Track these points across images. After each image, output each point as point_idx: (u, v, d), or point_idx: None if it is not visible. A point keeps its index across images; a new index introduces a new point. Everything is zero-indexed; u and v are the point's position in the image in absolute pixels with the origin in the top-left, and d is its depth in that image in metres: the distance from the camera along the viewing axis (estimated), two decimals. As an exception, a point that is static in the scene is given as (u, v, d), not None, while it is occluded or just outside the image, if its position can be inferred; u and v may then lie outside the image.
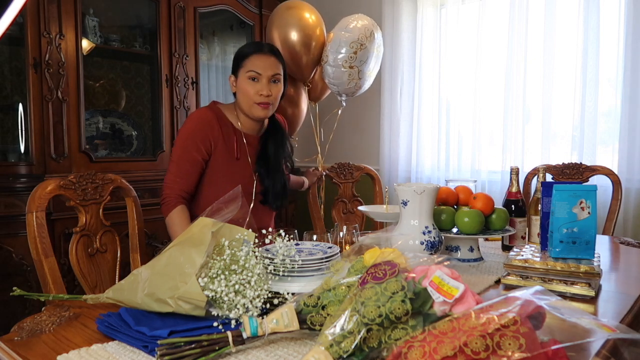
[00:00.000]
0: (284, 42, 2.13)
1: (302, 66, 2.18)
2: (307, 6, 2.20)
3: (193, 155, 1.65)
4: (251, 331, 0.82)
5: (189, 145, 1.65)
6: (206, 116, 1.69)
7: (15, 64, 2.42)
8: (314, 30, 2.16)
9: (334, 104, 2.59)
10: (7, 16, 0.67)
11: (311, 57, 2.17)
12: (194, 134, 1.66)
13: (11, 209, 2.15)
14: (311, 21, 2.16)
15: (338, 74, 2.13)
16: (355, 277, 0.85)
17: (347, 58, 2.09)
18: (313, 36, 2.16)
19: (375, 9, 3.26)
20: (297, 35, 2.12)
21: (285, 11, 2.18)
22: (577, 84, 2.58)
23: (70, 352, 0.85)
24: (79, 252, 1.46)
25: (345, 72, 2.12)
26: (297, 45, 2.12)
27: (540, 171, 1.51)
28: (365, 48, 2.12)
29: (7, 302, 2.06)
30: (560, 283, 1.17)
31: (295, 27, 2.12)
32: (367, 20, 2.19)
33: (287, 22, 2.13)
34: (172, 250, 1.03)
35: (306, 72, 2.23)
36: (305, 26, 2.14)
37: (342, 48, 2.10)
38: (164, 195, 1.65)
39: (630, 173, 2.43)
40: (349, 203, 2.51)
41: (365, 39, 2.13)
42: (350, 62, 2.11)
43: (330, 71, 2.14)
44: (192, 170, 1.66)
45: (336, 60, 2.11)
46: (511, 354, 0.63)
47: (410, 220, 1.32)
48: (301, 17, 2.15)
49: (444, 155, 3.07)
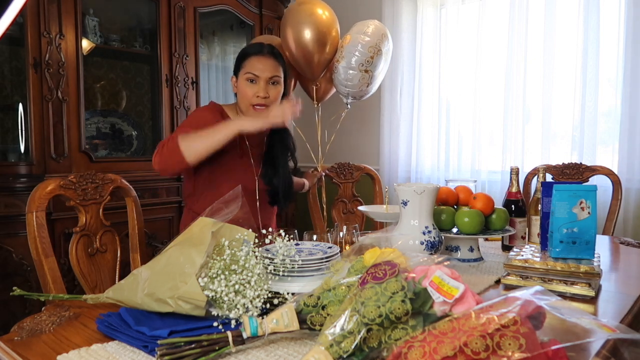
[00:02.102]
0: (297, 39, 2.13)
1: (313, 65, 2.19)
2: (321, 4, 2.21)
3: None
4: (251, 331, 0.82)
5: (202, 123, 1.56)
6: (213, 110, 1.69)
7: (15, 64, 2.42)
8: (329, 28, 2.17)
9: (335, 104, 2.59)
10: (7, 16, 0.67)
11: (324, 57, 2.18)
12: (205, 119, 1.59)
13: (11, 209, 2.15)
14: (325, 18, 2.17)
15: (351, 77, 2.14)
16: (355, 277, 0.85)
17: (363, 61, 2.11)
18: (328, 34, 2.16)
19: (375, 9, 3.26)
20: (312, 33, 2.12)
21: (300, 8, 2.18)
22: (577, 84, 2.58)
23: (70, 352, 0.85)
24: (79, 252, 1.46)
25: (358, 75, 2.14)
26: (310, 43, 2.12)
27: (540, 171, 1.51)
28: (380, 53, 2.15)
29: (7, 302, 2.06)
30: (560, 283, 1.17)
31: (310, 24, 2.12)
32: (382, 26, 2.22)
33: (301, 19, 2.14)
34: (172, 250, 1.03)
35: (317, 72, 2.23)
36: (320, 23, 2.15)
37: (359, 51, 2.11)
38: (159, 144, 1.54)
39: (630, 173, 2.43)
40: (349, 203, 2.51)
41: (382, 44, 2.15)
42: (367, 66, 2.12)
43: (343, 72, 2.15)
44: None
45: (351, 63, 2.12)
46: (511, 354, 0.63)
47: (410, 220, 1.31)
48: (316, 14, 2.15)
49: (444, 155, 3.07)
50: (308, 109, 2.67)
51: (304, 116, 1.77)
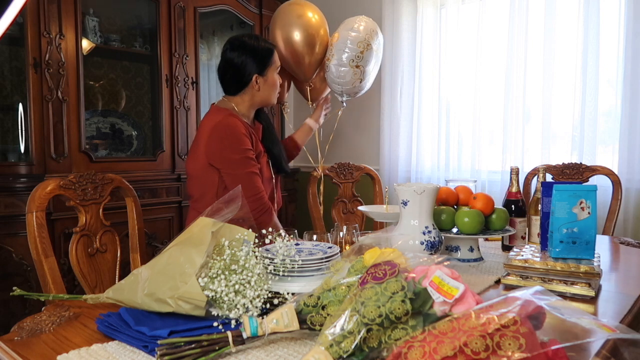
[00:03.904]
0: (286, 41, 2.13)
1: (304, 66, 2.19)
2: (310, 5, 2.21)
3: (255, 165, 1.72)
4: (251, 331, 0.82)
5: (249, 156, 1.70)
6: (235, 119, 1.72)
7: (15, 64, 2.42)
8: (317, 29, 2.17)
9: (332, 104, 2.59)
10: (7, 16, 0.67)
11: (314, 58, 2.18)
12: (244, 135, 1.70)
13: (11, 209, 2.15)
14: (314, 20, 2.17)
15: (343, 73, 2.14)
16: (355, 277, 0.85)
17: (354, 57, 2.11)
18: (317, 35, 2.16)
19: (375, 9, 3.26)
20: (301, 35, 2.12)
21: (288, 9, 2.18)
22: (577, 84, 2.58)
23: (70, 352, 0.85)
24: (79, 252, 1.46)
25: (350, 71, 2.14)
26: (300, 44, 2.12)
27: (540, 171, 1.51)
28: (370, 48, 2.14)
29: (7, 302, 2.06)
30: (560, 283, 1.17)
31: (299, 27, 2.12)
32: (371, 21, 2.22)
33: (290, 21, 2.14)
34: (172, 250, 1.03)
35: (309, 72, 2.23)
36: (309, 25, 2.15)
37: (349, 47, 2.11)
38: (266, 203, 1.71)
39: (630, 173, 2.43)
40: (349, 203, 2.51)
41: (371, 39, 2.15)
42: (357, 62, 2.12)
43: (335, 70, 2.15)
44: None
45: (342, 59, 2.12)
46: (511, 354, 0.63)
47: (410, 220, 1.32)
48: (305, 15, 2.15)
49: (444, 155, 3.07)
50: (303, 111, 2.68)
51: (301, 118, 1.80)
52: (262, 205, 1.70)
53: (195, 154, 1.72)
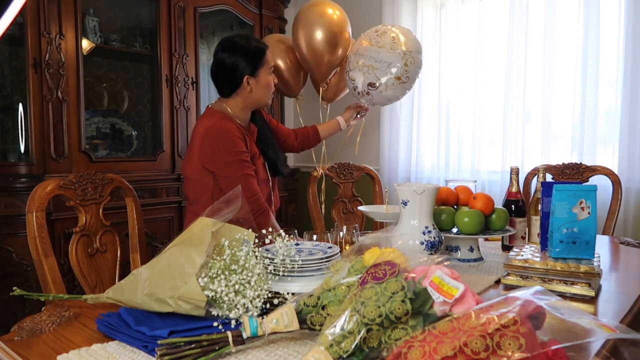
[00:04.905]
0: (308, 41, 2.12)
1: (323, 65, 2.17)
2: (331, 4, 2.20)
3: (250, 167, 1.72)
4: (251, 331, 0.82)
5: (244, 158, 1.70)
6: (229, 122, 1.70)
7: (15, 64, 2.42)
8: (340, 29, 2.15)
9: (338, 104, 2.58)
10: (7, 16, 0.67)
11: (334, 57, 2.17)
12: (237, 137, 1.69)
13: (11, 209, 2.15)
14: (336, 17, 2.16)
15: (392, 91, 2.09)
16: (355, 277, 0.85)
17: (402, 73, 2.06)
18: (340, 36, 2.15)
19: (375, 9, 3.26)
20: (323, 34, 2.11)
21: (311, 10, 2.17)
22: (577, 84, 2.58)
23: (70, 352, 0.85)
24: (79, 252, 1.46)
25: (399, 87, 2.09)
26: (321, 44, 2.11)
27: (540, 171, 1.51)
28: (415, 62, 2.09)
29: (7, 302, 2.06)
30: (560, 283, 1.17)
31: (322, 26, 2.11)
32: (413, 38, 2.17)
33: (312, 20, 2.13)
34: (172, 250, 1.03)
35: (327, 72, 2.22)
36: (332, 24, 2.13)
37: (398, 62, 2.05)
38: (262, 205, 1.71)
39: (630, 173, 2.43)
40: (349, 203, 2.52)
41: (416, 53, 2.11)
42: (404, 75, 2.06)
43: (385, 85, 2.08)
44: None
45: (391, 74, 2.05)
46: (511, 354, 0.63)
47: (410, 220, 1.32)
48: (327, 14, 2.14)
49: (444, 155, 3.07)
50: (314, 110, 2.68)
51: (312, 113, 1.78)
52: (259, 206, 1.69)
53: (190, 157, 1.72)
